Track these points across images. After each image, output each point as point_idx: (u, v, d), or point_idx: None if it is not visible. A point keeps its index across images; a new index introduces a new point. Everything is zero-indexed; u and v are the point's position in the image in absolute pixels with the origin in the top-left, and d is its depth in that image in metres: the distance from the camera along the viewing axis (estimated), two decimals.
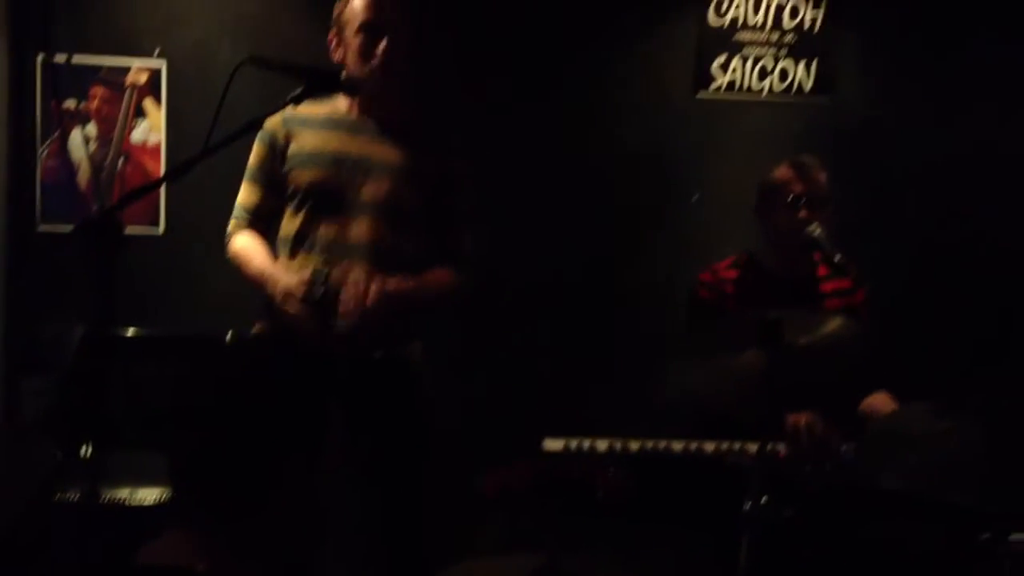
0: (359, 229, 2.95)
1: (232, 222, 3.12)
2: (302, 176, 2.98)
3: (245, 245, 3.06)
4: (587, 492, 2.37)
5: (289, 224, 3.02)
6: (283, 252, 3.03)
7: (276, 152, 3.03)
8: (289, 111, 2.93)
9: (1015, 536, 2.41)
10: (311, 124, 3.01)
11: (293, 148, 3.00)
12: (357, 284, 2.83)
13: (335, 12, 3.01)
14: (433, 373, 3.06)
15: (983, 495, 2.23)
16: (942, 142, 4.45)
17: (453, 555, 2.34)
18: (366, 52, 2.93)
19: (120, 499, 3.26)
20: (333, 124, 3.02)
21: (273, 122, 2.99)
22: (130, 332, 3.69)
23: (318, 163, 2.98)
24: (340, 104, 3.04)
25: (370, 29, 2.93)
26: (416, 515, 2.99)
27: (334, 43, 3.03)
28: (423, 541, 2.91)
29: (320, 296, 2.80)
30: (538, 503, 2.37)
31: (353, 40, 2.94)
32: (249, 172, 3.10)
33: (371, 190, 2.95)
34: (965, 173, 4.47)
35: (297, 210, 3.00)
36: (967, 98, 4.45)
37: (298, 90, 2.80)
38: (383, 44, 2.92)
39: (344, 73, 2.94)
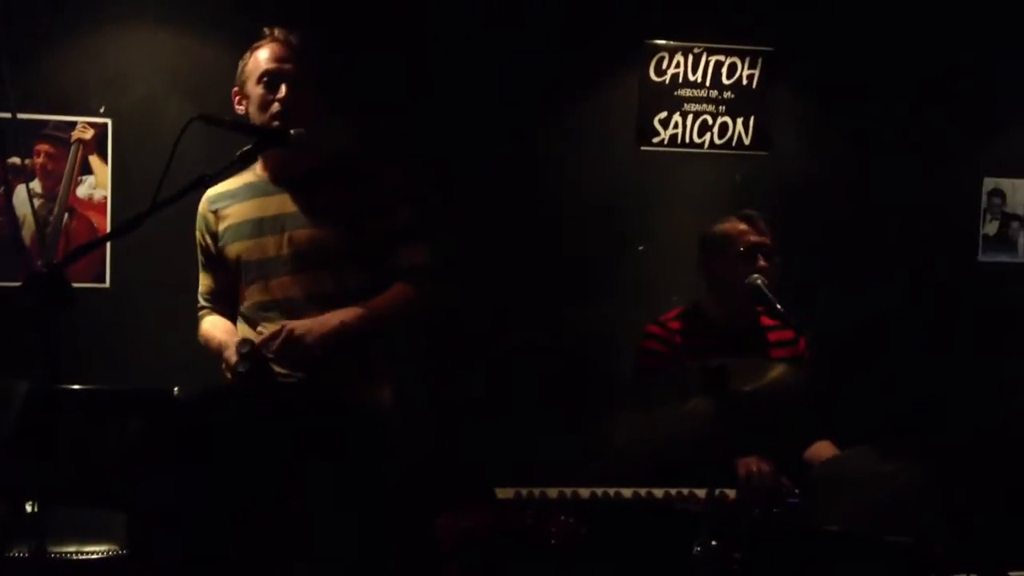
0: (297, 285, 2.98)
1: (199, 311, 3.18)
2: (233, 250, 3.04)
3: (207, 327, 3.12)
4: (540, 539, 2.39)
5: (242, 295, 3.07)
6: (242, 324, 3.07)
7: (210, 234, 3.10)
8: (212, 190, 3.03)
9: None
10: (232, 198, 3.07)
11: (221, 226, 3.07)
12: (278, 332, 2.86)
13: (239, 68, 3.06)
14: (405, 417, 3.07)
15: (926, 535, 2.29)
16: (875, 194, 4.60)
17: None
18: (265, 101, 2.97)
19: (67, 554, 3.22)
20: (250, 192, 3.06)
21: (202, 208, 3.09)
22: (76, 388, 3.67)
23: (243, 233, 3.03)
24: (256, 170, 3.08)
25: (270, 78, 2.97)
26: (382, 563, 2.98)
27: (237, 98, 3.07)
28: None
29: (247, 369, 2.80)
30: (492, 549, 2.38)
31: (254, 90, 2.99)
32: (199, 259, 3.17)
33: (296, 245, 2.98)
34: (898, 223, 4.61)
35: (241, 281, 3.06)
36: (899, 150, 4.60)
37: (247, 147, 2.85)
38: (282, 91, 2.95)
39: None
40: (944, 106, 4.63)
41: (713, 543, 2.24)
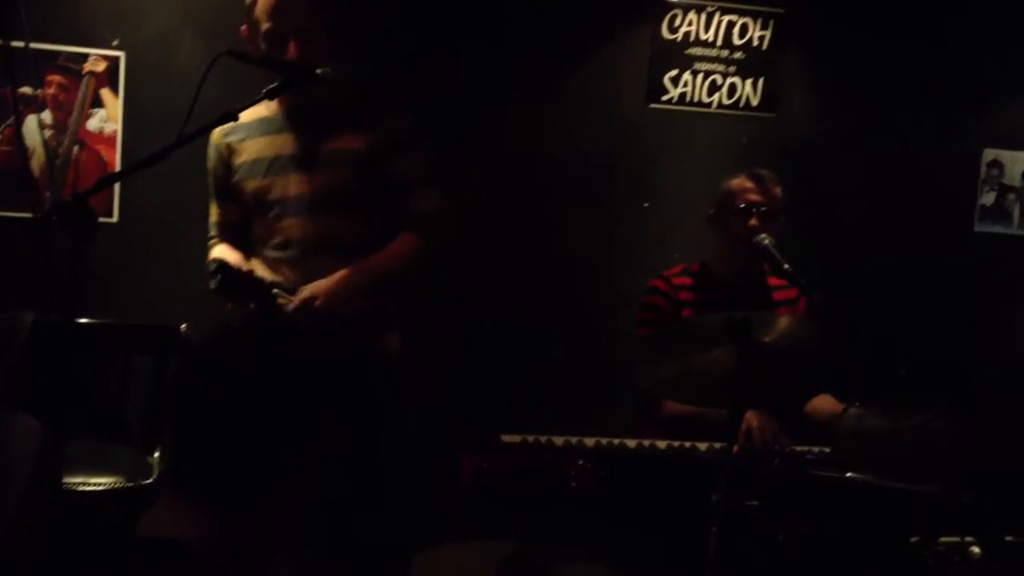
0: (312, 226, 2.96)
1: (209, 240, 3.16)
2: (248, 186, 3.02)
3: (216, 256, 3.06)
4: (559, 483, 2.43)
5: (254, 229, 3.06)
6: (258, 261, 3.04)
7: (224, 166, 3.07)
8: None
9: (943, 539, 2.55)
10: (247, 133, 3.02)
11: (236, 161, 3.04)
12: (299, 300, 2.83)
13: (247, 2, 2.95)
14: (410, 364, 3.09)
15: (953, 485, 2.35)
16: (878, 160, 4.65)
17: (426, 541, 2.39)
18: (276, 58, 2.88)
19: (75, 485, 3.25)
20: (265, 127, 3.02)
21: (215, 137, 3.03)
22: (83, 321, 3.67)
23: (257, 171, 3.00)
24: (270, 105, 2.99)
25: (273, 37, 2.89)
26: (384, 504, 3.01)
27: (249, 35, 2.98)
28: (397, 529, 2.93)
29: (221, 284, 2.76)
30: (511, 492, 2.42)
31: (262, 44, 2.91)
32: (209, 188, 3.14)
33: (311, 185, 2.96)
34: (899, 190, 4.67)
35: (256, 215, 3.04)
36: (902, 118, 4.65)
37: (274, 84, 2.84)
38: (291, 51, 2.87)
39: None
40: (949, 76, 4.67)
41: (732, 491, 2.29)
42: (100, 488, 3.30)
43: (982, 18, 4.68)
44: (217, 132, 3.00)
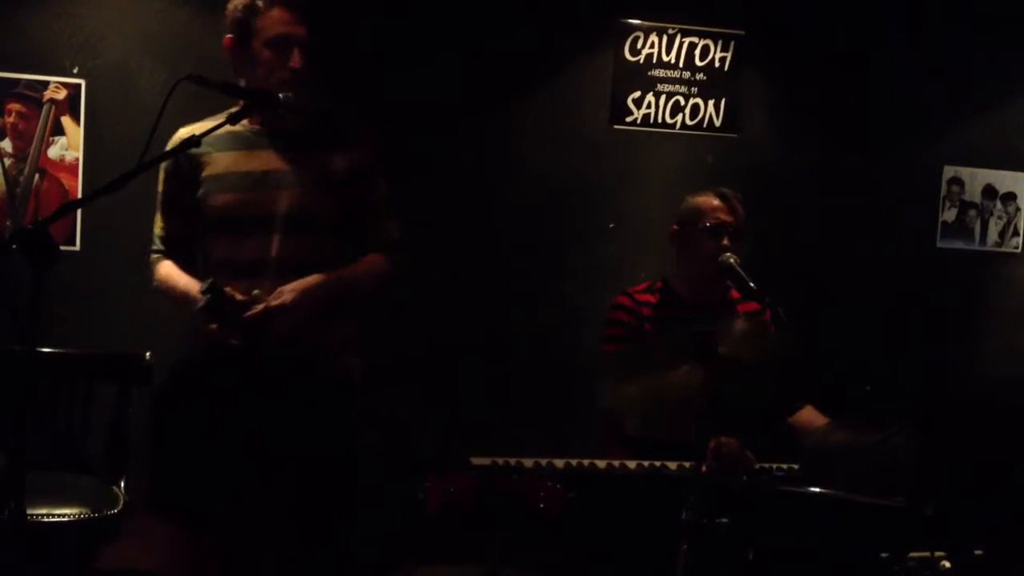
0: (279, 245, 2.94)
1: (151, 255, 3.10)
2: (215, 201, 2.97)
3: (166, 273, 3.04)
4: (529, 506, 2.42)
5: (213, 249, 3.01)
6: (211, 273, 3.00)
7: (181, 178, 3.01)
8: (187, 131, 2.90)
9: (912, 554, 2.57)
10: (215, 146, 2.97)
11: (202, 173, 2.98)
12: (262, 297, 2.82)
13: (233, 15, 2.95)
14: (372, 388, 3.08)
15: (916, 499, 2.36)
16: (840, 178, 4.68)
17: (395, 567, 2.37)
18: (276, 65, 2.91)
19: (39, 516, 3.19)
20: (236, 142, 2.99)
21: (176, 149, 2.92)
22: (47, 350, 3.62)
23: (227, 186, 2.96)
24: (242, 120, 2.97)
25: (284, 42, 2.91)
26: (343, 530, 3.00)
27: (235, 44, 2.97)
28: (352, 556, 2.92)
29: (210, 304, 2.74)
30: (480, 516, 2.41)
31: (262, 51, 2.92)
32: (159, 201, 3.09)
33: (283, 204, 2.94)
34: (861, 207, 4.70)
35: (218, 234, 2.99)
36: (863, 136, 4.69)
37: (235, 108, 2.84)
38: (295, 59, 2.91)
39: (242, 81, 2.95)
40: (908, 94, 4.72)
41: (701, 508, 2.29)
42: (65, 519, 3.25)
43: (940, 37, 4.74)
44: (178, 144, 2.90)
